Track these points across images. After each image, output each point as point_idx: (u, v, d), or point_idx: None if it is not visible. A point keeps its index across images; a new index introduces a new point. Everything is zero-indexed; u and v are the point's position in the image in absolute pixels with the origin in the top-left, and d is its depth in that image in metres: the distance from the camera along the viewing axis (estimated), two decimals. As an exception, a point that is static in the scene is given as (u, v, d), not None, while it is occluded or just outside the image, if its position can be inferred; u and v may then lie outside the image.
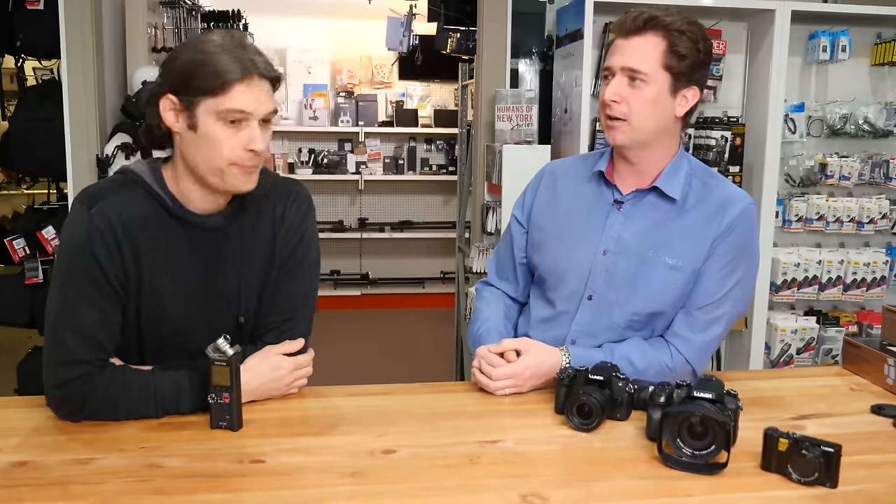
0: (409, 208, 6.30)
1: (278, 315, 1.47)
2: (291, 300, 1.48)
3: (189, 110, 1.31)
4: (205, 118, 1.30)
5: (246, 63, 1.30)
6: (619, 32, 1.54)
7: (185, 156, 1.35)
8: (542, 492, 1.10)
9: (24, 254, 3.19)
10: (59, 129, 3.11)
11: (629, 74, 1.51)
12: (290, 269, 1.48)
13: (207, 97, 1.29)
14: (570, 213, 1.66)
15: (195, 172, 1.35)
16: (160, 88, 1.33)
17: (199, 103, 1.29)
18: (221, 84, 1.28)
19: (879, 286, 3.24)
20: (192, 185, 1.38)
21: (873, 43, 3.24)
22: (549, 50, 3.45)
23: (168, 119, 1.33)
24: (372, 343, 5.25)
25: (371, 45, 6.08)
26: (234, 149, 1.31)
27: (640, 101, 1.51)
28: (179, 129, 1.33)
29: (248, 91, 1.30)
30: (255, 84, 1.31)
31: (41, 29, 3.12)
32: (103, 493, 1.09)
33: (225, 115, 1.29)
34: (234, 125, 1.30)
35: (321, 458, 1.22)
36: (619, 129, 1.54)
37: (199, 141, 1.31)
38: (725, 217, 1.55)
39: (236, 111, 1.29)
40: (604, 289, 1.59)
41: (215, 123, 1.30)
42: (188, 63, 1.30)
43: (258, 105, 1.31)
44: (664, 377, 1.49)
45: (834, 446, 1.13)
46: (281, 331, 1.46)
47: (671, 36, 1.50)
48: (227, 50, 1.30)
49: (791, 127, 3.15)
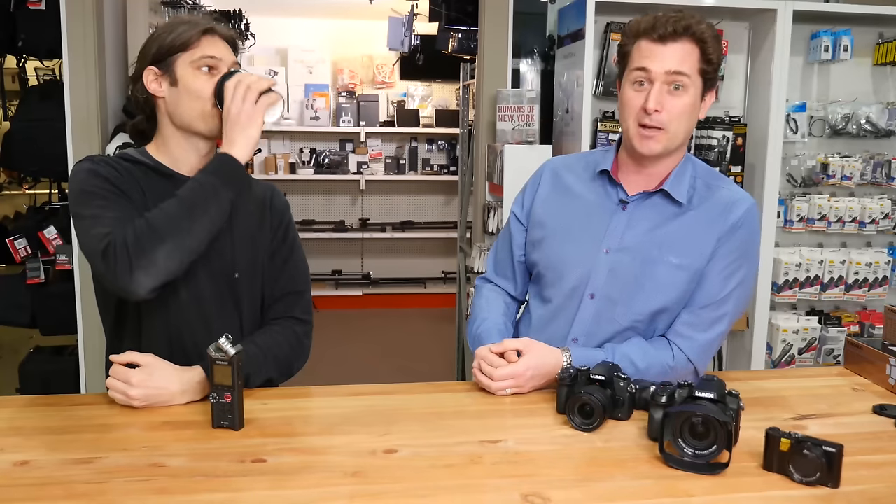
0: (410, 208, 6.30)
1: (290, 287, 1.63)
2: (299, 272, 1.66)
3: (168, 71, 1.49)
4: (183, 72, 1.48)
5: (207, 22, 1.52)
6: (651, 36, 1.50)
7: (174, 115, 1.51)
8: (544, 492, 1.10)
9: (25, 254, 3.20)
10: (61, 129, 3.11)
11: (672, 81, 1.49)
12: (290, 246, 1.65)
13: (182, 53, 1.48)
14: (572, 211, 1.66)
15: (183, 126, 1.51)
16: (141, 66, 1.52)
17: (176, 61, 1.48)
18: (191, 37, 1.48)
19: (881, 286, 3.24)
20: (180, 141, 1.53)
21: (875, 43, 3.24)
22: (551, 50, 3.44)
23: (153, 88, 1.50)
24: (373, 343, 5.26)
25: (372, 44, 6.09)
26: (211, 91, 1.47)
27: (680, 107, 1.50)
28: (164, 93, 1.50)
29: (214, 42, 1.51)
30: (218, 40, 1.52)
31: (43, 29, 3.12)
32: (105, 492, 1.09)
33: (199, 63, 1.48)
34: (210, 73, 1.48)
35: (323, 457, 1.22)
36: (655, 139, 1.52)
37: (181, 93, 1.48)
38: (730, 217, 1.56)
39: (208, 57, 1.49)
40: (606, 287, 1.59)
41: (193, 74, 1.48)
42: (158, 36, 1.50)
43: (225, 53, 1.52)
44: (666, 377, 1.50)
45: (836, 446, 1.13)
46: (296, 301, 1.64)
47: (703, 43, 1.50)
48: (187, 17, 1.57)
49: (793, 127, 3.15)
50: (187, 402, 1.40)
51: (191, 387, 1.40)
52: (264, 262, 1.61)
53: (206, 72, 1.48)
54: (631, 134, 1.54)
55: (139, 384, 1.36)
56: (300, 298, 1.65)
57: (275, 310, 1.62)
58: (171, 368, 1.41)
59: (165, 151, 1.54)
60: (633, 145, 1.54)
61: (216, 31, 1.52)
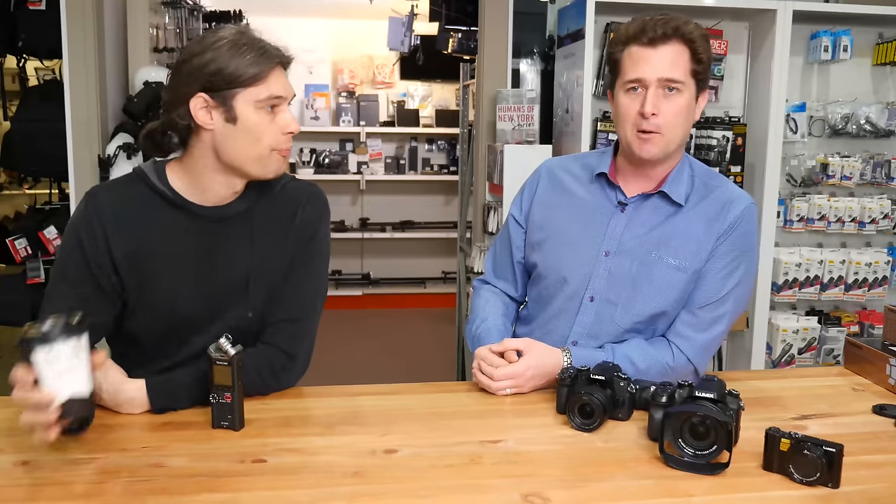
0: (410, 208, 6.30)
1: (284, 314, 1.48)
2: (299, 299, 1.49)
3: (225, 104, 1.35)
4: (244, 109, 1.35)
5: (273, 52, 1.37)
6: (641, 41, 1.50)
7: (222, 151, 1.38)
8: (544, 492, 1.10)
9: (25, 254, 3.19)
10: (61, 129, 3.11)
11: (666, 85, 1.49)
12: (299, 268, 1.49)
13: (244, 88, 1.34)
14: (571, 214, 1.66)
15: (231, 164, 1.39)
16: (188, 89, 1.35)
17: (236, 96, 1.34)
18: (258, 73, 1.34)
19: (881, 286, 3.24)
20: (219, 176, 1.41)
21: (875, 43, 3.24)
22: (551, 50, 3.44)
23: (200, 117, 1.36)
24: (373, 343, 5.25)
25: (372, 45, 6.08)
26: (274, 134, 1.38)
27: (675, 110, 1.51)
28: (214, 125, 1.36)
29: (279, 77, 1.37)
30: (281, 70, 1.39)
31: (43, 29, 3.12)
32: (105, 492, 1.09)
33: (265, 103, 1.35)
34: (271, 112, 1.37)
35: (323, 457, 1.22)
36: (652, 142, 1.52)
37: (238, 132, 1.36)
38: (728, 216, 1.56)
39: (275, 97, 1.36)
40: (606, 290, 1.59)
41: (255, 112, 1.35)
42: (215, 60, 1.33)
43: (288, 89, 1.40)
44: (666, 377, 1.50)
45: (836, 446, 1.13)
46: (286, 330, 1.47)
47: (692, 44, 1.50)
48: (249, 43, 1.35)
49: (792, 127, 3.15)
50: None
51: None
52: (279, 286, 1.49)
53: (270, 111, 1.37)
54: (629, 140, 1.54)
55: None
56: (291, 327, 1.47)
57: (265, 332, 1.48)
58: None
59: (192, 180, 1.42)
60: (633, 150, 1.54)
61: (280, 60, 1.37)
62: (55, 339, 1.04)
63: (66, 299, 1.37)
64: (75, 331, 1.06)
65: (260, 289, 1.46)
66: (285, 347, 1.47)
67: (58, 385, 1.04)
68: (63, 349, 1.04)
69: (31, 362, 1.05)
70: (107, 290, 1.41)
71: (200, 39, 1.38)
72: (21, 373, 1.06)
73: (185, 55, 1.39)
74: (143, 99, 3.18)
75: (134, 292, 1.42)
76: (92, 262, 1.39)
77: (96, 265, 1.39)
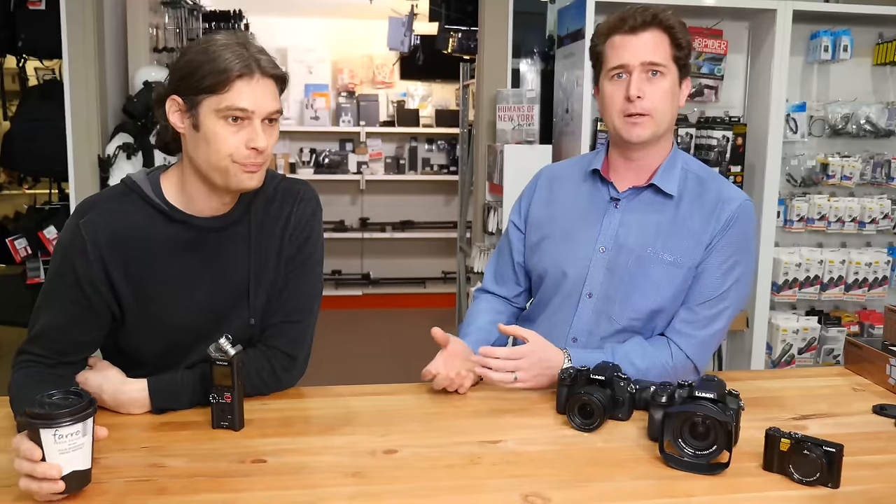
0: (410, 208, 6.29)
1: (284, 315, 1.47)
2: (298, 300, 1.48)
3: (192, 110, 1.30)
4: (206, 117, 1.29)
5: (247, 60, 1.28)
6: (622, 30, 1.54)
7: (191, 156, 1.35)
8: (544, 492, 1.10)
9: (25, 254, 3.20)
10: (61, 129, 3.11)
11: (649, 69, 1.52)
12: (295, 269, 1.48)
13: (209, 95, 1.28)
14: (567, 212, 1.67)
15: (199, 172, 1.35)
16: (165, 90, 1.34)
17: (202, 102, 1.29)
18: (222, 81, 1.27)
19: (881, 286, 3.24)
20: (200, 185, 1.37)
21: (875, 43, 3.24)
22: (551, 50, 3.45)
23: (174, 120, 1.33)
24: (373, 343, 5.25)
25: (372, 44, 6.08)
26: (235, 147, 1.30)
27: (660, 93, 1.53)
28: (184, 130, 1.33)
29: (248, 89, 1.28)
30: (258, 82, 1.29)
31: (43, 29, 3.12)
32: (105, 492, 1.09)
33: (226, 113, 1.28)
34: (237, 123, 1.29)
35: (322, 457, 1.22)
36: (642, 125, 1.54)
37: (201, 140, 1.31)
38: (724, 213, 1.56)
39: (237, 109, 1.28)
40: (603, 286, 1.60)
41: (217, 122, 1.29)
42: (190, 62, 1.30)
43: (260, 103, 1.29)
44: (666, 375, 1.50)
45: (836, 446, 1.13)
46: (286, 332, 1.47)
47: (671, 30, 1.54)
48: (229, 48, 1.29)
49: (792, 127, 3.15)
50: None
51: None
52: (278, 288, 1.48)
53: (234, 122, 1.29)
54: (618, 126, 1.56)
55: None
56: (291, 329, 1.47)
57: (265, 333, 1.47)
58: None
59: (182, 189, 1.39)
60: (621, 135, 1.56)
61: (258, 70, 1.29)
62: (62, 423, 1.05)
63: (56, 319, 1.35)
64: (83, 416, 1.07)
65: (261, 294, 1.45)
66: (286, 349, 1.46)
67: (61, 460, 1.05)
68: (69, 431, 1.06)
69: (37, 438, 1.05)
70: (99, 309, 1.37)
71: (195, 41, 1.37)
72: (27, 447, 1.05)
73: (178, 55, 1.39)
74: (143, 99, 3.19)
75: (133, 309, 1.39)
76: (85, 283, 1.34)
77: (90, 286, 1.34)
